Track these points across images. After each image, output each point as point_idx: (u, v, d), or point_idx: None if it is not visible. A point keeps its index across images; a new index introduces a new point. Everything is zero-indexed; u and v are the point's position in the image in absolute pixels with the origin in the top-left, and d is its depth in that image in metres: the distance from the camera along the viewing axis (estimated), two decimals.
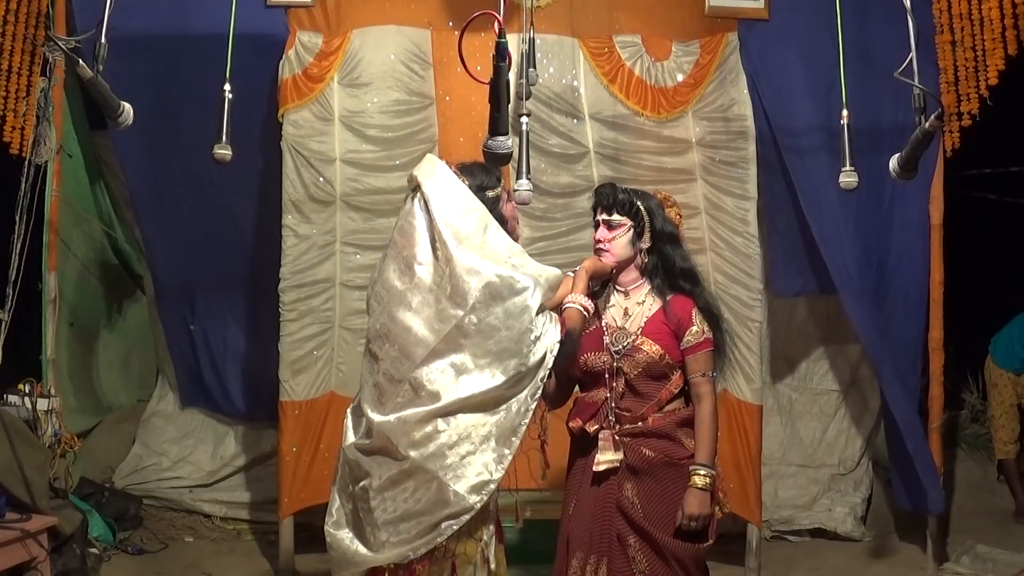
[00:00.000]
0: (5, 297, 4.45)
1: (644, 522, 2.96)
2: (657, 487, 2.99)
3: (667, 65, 4.71)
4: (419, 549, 2.76)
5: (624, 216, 3.07)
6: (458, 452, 2.76)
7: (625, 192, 3.10)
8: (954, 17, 4.43)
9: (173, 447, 5.37)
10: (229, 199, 4.92)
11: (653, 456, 2.99)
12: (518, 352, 2.78)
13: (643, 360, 3.01)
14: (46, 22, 4.52)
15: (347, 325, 4.60)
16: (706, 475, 2.94)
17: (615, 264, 3.09)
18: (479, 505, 2.76)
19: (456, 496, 2.74)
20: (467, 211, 2.85)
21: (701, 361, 3.03)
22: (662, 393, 3.02)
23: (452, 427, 2.77)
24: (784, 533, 5.24)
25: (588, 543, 3.02)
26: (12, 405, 4.30)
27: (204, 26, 4.31)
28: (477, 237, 2.83)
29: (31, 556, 3.84)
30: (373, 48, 4.56)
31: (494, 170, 2.97)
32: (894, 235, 4.82)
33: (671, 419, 3.03)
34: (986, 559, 4.93)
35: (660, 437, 3.00)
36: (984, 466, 5.98)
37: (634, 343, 3.03)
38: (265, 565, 4.84)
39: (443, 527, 2.76)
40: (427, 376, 2.78)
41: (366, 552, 2.85)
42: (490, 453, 2.78)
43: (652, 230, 3.07)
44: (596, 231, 3.11)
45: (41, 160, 4.60)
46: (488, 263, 2.79)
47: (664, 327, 3.03)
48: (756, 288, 4.65)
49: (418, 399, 2.78)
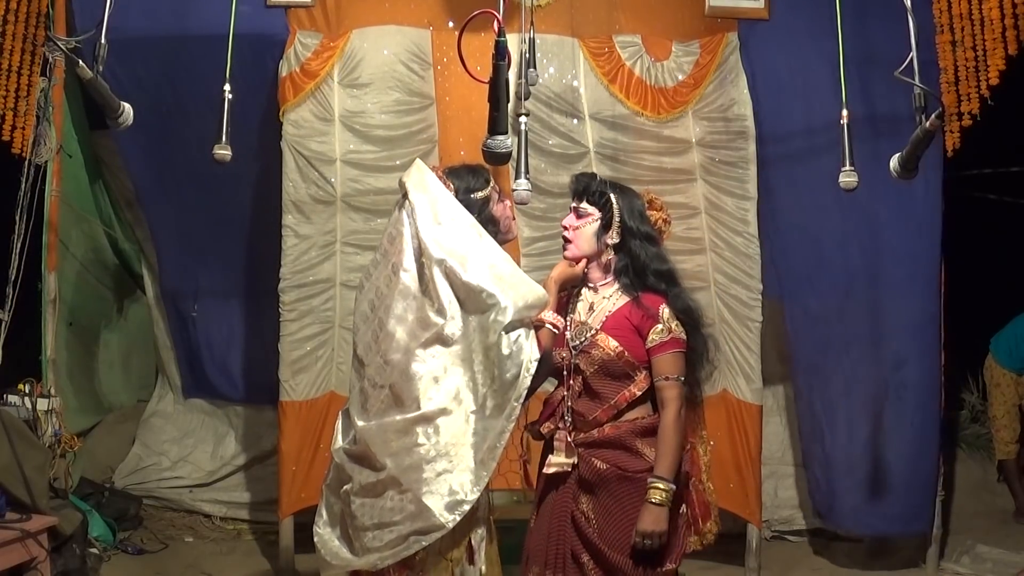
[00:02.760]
0: (5, 297, 4.44)
1: (598, 540, 2.79)
2: (612, 503, 2.80)
3: (667, 65, 4.70)
4: (386, 560, 2.77)
5: (593, 206, 2.91)
6: (435, 468, 2.74)
7: (601, 183, 2.94)
8: (954, 17, 4.42)
9: (173, 447, 5.38)
10: (230, 198, 4.93)
11: (605, 469, 2.80)
12: (489, 368, 2.74)
13: (599, 357, 2.84)
14: (46, 22, 4.51)
15: (347, 325, 4.60)
16: (665, 489, 2.72)
17: (578, 257, 2.93)
18: (451, 525, 2.72)
19: (427, 512, 2.72)
20: (451, 219, 2.83)
21: (666, 363, 2.81)
22: (620, 396, 2.83)
23: (431, 442, 2.74)
24: (784, 533, 5.24)
25: (543, 558, 2.89)
26: (12, 405, 4.30)
27: (204, 26, 4.30)
28: (460, 246, 2.81)
29: (31, 556, 3.84)
30: (373, 48, 4.56)
31: (482, 171, 2.97)
32: (895, 236, 4.81)
33: (628, 428, 2.82)
34: (986, 559, 4.93)
35: (614, 448, 2.81)
36: (984, 466, 5.98)
37: (592, 338, 2.86)
38: (265, 565, 4.84)
39: (411, 540, 2.74)
40: (407, 383, 2.77)
41: (347, 554, 2.87)
42: (468, 474, 2.73)
43: (621, 225, 2.89)
44: (566, 217, 2.99)
45: (41, 160, 4.59)
46: (470, 273, 2.76)
47: (627, 322, 2.84)
48: (756, 288, 4.65)
49: (397, 406, 2.78)
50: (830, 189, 3.51)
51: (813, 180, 4.67)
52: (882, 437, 4.80)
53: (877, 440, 4.81)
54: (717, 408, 4.61)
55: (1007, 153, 6.17)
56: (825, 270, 4.79)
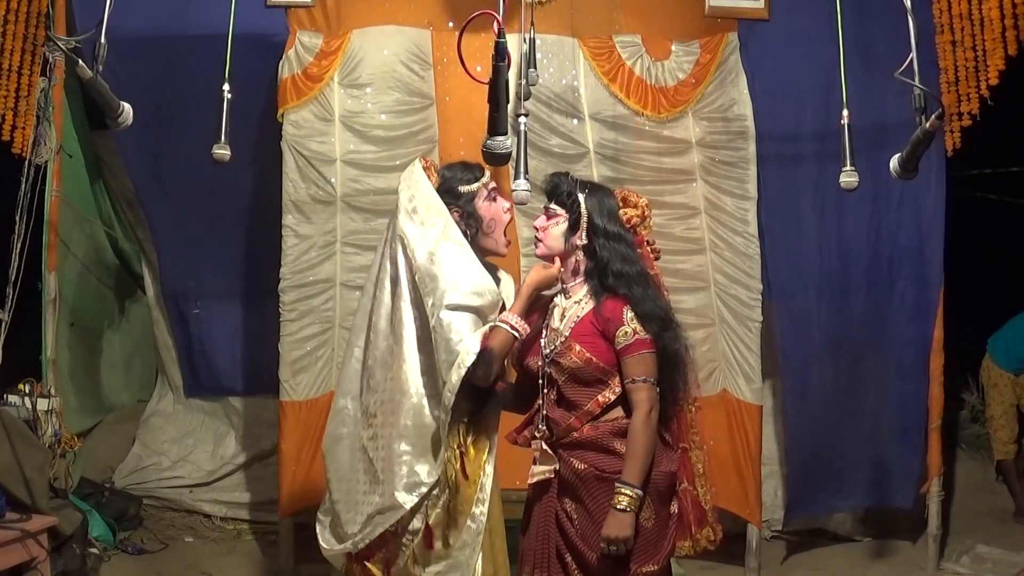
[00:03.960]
0: (5, 297, 4.45)
1: (578, 539, 2.79)
2: (591, 502, 2.78)
3: (667, 65, 4.70)
4: (359, 544, 2.94)
5: (561, 207, 2.89)
6: (396, 450, 2.88)
7: (570, 183, 2.91)
8: (954, 17, 4.43)
9: (173, 447, 5.37)
10: (230, 198, 4.93)
11: (583, 469, 2.78)
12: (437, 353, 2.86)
13: (568, 365, 2.80)
14: (46, 22, 4.52)
15: (347, 325, 4.59)
16: (631, 495, 2.67)
17: (547, 256, 2.92)
18: (408, 506, 2.86)
19: (388, 493, 2.88)
20: (425, 207, 2.96)
21: (633, 365, 2.75)
22: (593, 402, 2.79)
23: (394, 425, 2.90)
24: (784, 533, 5.24)
25: (533, 559, 2.91)
26: (12, 405, 4.30)
27: (204, 26, 4.31)
28: (422, 233, 2.93)
29: (31, 556, 3.84)
30: (373, 48, 4.56)
31: (476, 168, 3.04)
32: (895, 236, 4.81)
33: (607, 428, 2.79)
34: (986, 559, 4.93)
35: (593, 449, 2.78)
36: (984, 466, 5.97)
37: (561, 346, 2.83)
38: (265, 565, 4.84)
39: (376, 522, 2.91)
40: (382, 365, 2.96)
41: (335, 541, 3.06)
42: (427, 456, 2.88)
43: (589, 226, 2.85)
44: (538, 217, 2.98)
45: (41, 160, 4.60)
46: (420, 256, 2.90)
47: (592, 328, 2.81)
48: (756, 288, 4.65)
49: (370, 388, 2.98)
50: (830, 189, 3.51)
51: (814, 180, 4.68)
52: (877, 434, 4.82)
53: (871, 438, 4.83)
54: (717, 408, 4.61)
55: (1007, 153, 6.17)
56: (820, 271, 4.77)
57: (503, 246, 3.10)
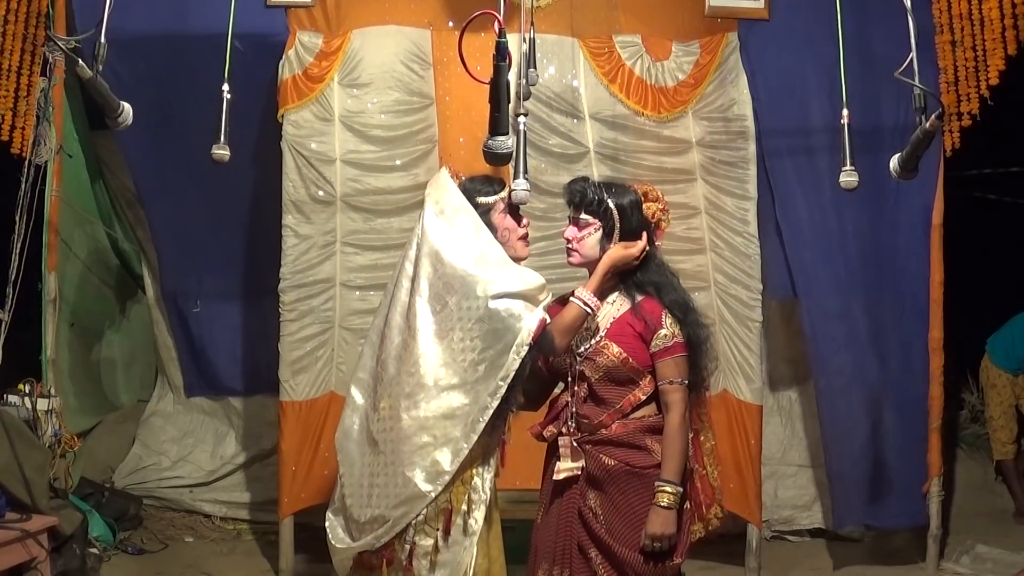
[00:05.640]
0: (5, 297, 4.44)
1: (605, 535, 2.83)
2: (620, 498, 2.84)
3: (667, 65, 4.70)
4: (382, 538, 2.92)
5: (592, 216, 2.93)
6: (415, 442, 2.87)
7: (596, 189, 2.93)
8: (954, 17, 4.43)
9: (173, 447, 5.38)
10: (230, 198, 4.94)
11: (613, 465, 2.84)
12: (474, 343, 2.85)
13: (604, 364, 2.87)
14: (46, 22, 4.51)
15: (347, 325, 4.61)
16: (672, 493, 2.78)
17: (583, 264, 2.96)
18: (432, 495, 2.86)
19: (410, 484, 2.86)
20: (454, 211, 2.98)
21: (670, 367, 2.85)
22: (625, 400, 2.87)
23: (413, 418, 2.89)
24: (784, 533, 5.24)
25: (551, 554, 2.93)
26: (12, 405, 4.29)
27: (204, 26, 4.31)
28: (454, 235, 2.95)
29: (31, 556, 3.84)
30: (373, 48, 4.56)
31: (496, 182, 3.08)
32: (896, 236, 4.81)
33: (636, 426, 2.87)
34: (986, 559, 4.93)
35: (623, 445, 2.85)
36: (984, 466, 5.98)
37: (596, 345, 2.90)
38: (265, 565, 4.84)
39: (399, 514, 2.88)
40: (395, 359, 2.95)
41: (349, 539, 3.03)
42: (449, 446, 2.86)
43: (622, 231, 2.91)
44: (567, 228, 2.99)
45: (41, 160, 4.59)
46: (457, 258, 2.90)
47: (630, 329, 2.88)
48: (756, 288, 4.65)
49: (383, 383, 2.98)
50: (829, 189, 3.51)
51: (814, 179, 4.68)
52: (889, 435, 4.82)
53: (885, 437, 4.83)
54: (717, 408, 4.59)
55: (1007, 153, 6.18)
56: (834, 268, 4.77)
57: (522, 250, 3.10)
